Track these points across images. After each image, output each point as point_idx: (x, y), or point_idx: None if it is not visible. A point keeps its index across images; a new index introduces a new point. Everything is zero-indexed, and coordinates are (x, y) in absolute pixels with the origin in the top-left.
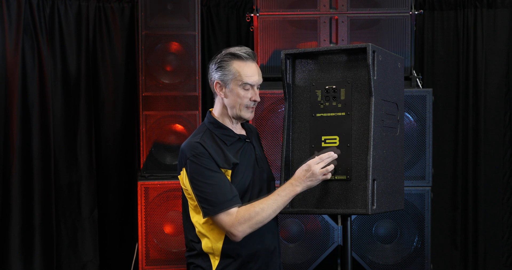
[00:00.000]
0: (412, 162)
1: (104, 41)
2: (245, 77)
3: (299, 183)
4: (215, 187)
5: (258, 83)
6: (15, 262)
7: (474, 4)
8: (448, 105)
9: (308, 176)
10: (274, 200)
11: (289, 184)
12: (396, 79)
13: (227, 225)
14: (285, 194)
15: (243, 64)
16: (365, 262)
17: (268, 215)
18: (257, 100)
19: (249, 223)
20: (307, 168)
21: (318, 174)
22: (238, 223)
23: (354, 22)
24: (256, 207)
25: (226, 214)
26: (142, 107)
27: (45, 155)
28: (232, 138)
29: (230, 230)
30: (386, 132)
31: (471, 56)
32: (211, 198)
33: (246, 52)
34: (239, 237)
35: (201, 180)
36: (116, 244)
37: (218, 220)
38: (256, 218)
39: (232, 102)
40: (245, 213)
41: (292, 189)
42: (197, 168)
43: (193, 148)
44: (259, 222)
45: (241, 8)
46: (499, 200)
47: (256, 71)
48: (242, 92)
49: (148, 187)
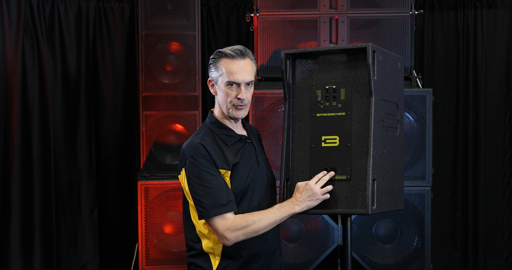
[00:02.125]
0: (412, 162)
1: (104, 41)
2: (230, 75)
3: (299, 203)
4: (211, 191)
5: (244, 80)
6: (15, 262)
7: (474, 4)
8: (448, 105)
9: (309, 195)
10: (273, 214)
11: (290, 202)
12: (396, 79)
13: (221, 229)
14: (284, 210)
15: (229, 62)
16: (365, 262)
17: (264, 226)
18: (241, 97)
19: (244, 230)
20: (307, 188)
21: (318, 193)
22: (234, 228)
23: (354, 22)
24: (254, 216)
25: (221, 218)
26: (142, 107)
27: (45, 155)
28: (233, 138)
29: (224, 234)
30: (386, 132)
31: (471, 56)
32: (206, 201)
33: (233, 50)
34: (231, 242)
35: (198, 182)
36: (116, 244)
37: (212, 223)
38: (252, 226)
39: (221, 100)
40: (242, 220)
41: (291, 207)
42: (195, 169)
43: (194, 149)
44: (253, 232)
45: (241, 8)
46: (499, 200)
47: (242, 68)
48: (228, 90)
49: (148, 187)
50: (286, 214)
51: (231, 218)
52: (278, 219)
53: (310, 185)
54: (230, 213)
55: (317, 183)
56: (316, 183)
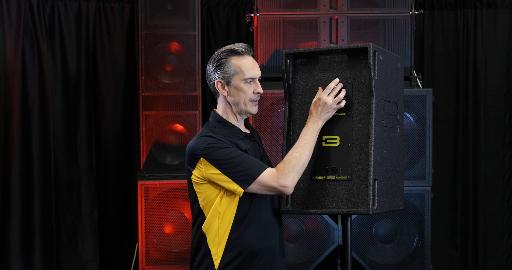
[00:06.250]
0: (412, 162)
1: (104, 41)
2: (247, 71)
3: (319, 118)
4: (242, 158)
5: (259, 75)
6: (15, 262)
7: (474, 4)
8: (448, 105)
9: (324, 109)
10: (305, 141)
11: (311, 122)
12: (396, 79)
13: (274, 181)
14: (311, 132)
15: (241, 59)
16: (365, 262)
17: (307, 155)
18: (260, 92)
19: (294, 170)
20: (319, 103)
21: (332, 103)
22: (284, 174)
23: (354, 22)
24: (293, 153)
25: (266, 174)
26: (142, 107)
27: (45, 155)
28: (240, 135)
29: (279, 183)
30: (386, 132)
31: (471, 56)
32: (244, 167)
33: (243, 47)
34: (291, 187)
35: (227, 158)
36: (116, 244)
37: (262, 182)
38: (299, 163)
39: (237, 98)
40: (286, 165)
41: (316, 125)
42: (217, 152)
43: (204, 141)
44: (302, 165)
45: (241, 8)
46: (499, 200)
47: (254, 64)
48: (245, 86)
49: (148, 187)
50: (315, 134)
51: (274, 169)
52: (312, 141)
53: (322, 98)
54: (269, 168)
55: (329, 95)
56: (328, 95)
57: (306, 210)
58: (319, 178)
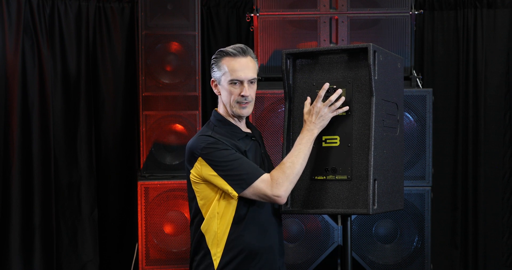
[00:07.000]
0: (412, 162)
1: (104, 41)
2: (232, 73)
3: (314, 127)
4: (240, 161)
5: (246, 78)
6: (15, 262)
7: (474, 4)
8: (448, 105)
9: (318, 116)
10: (299, 150)
11: (306, 131)
12: (396, 79)
13: (268, 190)
14: (306, 141)
15: (231, 60)
16: (365, 262)
17: (300, 164)
18: (245, 95)
19: (288, 180)
20: (313, 112)
21: (326, 111)
22: (278, 184)
23: (354, 22)
24: (286, 162)
25: (261, 181)
26: (142, 107)
27: (45, 155)
28: (240, 135)
29: (273, 193)
30: (386, 132)
31: (471, 56)
32: (240, 171)
33: (234, 48)
34: (284, 196)
35: (224, 160)
36: (116, 244)
37: (256, 189)
38: (292, 172)
39: (225, 99)
40: (279, 173)
41: (310, 134)
42: (215, 153)
43: (204, 140)
44: (296, 174)
45: (241, 8)
46: (499, 200)
47: (245, 66)
48: (231, 88)
49: (148, 187)
50: (310, 143)
51: (268, 177)
52: (306, 150)
53: (316, 106)
54: (264, 174)
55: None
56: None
57: (306, 210)
58: (319, 178)
